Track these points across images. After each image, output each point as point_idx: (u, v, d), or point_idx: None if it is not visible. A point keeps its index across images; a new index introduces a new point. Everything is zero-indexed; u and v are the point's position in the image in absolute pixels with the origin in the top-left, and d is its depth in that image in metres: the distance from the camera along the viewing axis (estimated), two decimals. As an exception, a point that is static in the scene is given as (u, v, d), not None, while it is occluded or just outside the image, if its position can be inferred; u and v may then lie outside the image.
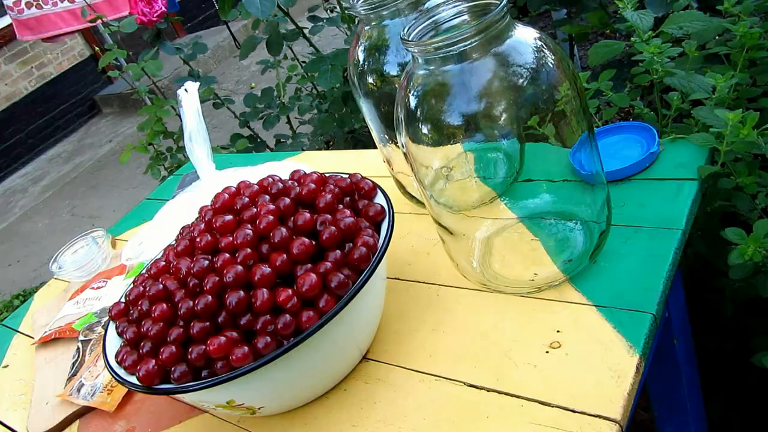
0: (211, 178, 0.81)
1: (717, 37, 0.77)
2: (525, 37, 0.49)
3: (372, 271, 0.50)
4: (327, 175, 0.62)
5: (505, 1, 0.47)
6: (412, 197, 0.74)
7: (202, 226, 0.56)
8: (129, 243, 0.85)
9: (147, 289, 0.54)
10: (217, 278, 0.51)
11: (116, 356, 0.54)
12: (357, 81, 0.66)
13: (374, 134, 0.70)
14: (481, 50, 0.47)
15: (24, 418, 0.70)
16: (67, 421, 0.68)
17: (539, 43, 0.49)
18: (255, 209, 0.56)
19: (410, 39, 0.50)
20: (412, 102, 0.52)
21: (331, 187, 0.58)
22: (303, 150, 1.83)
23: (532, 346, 0.52)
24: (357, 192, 0.60)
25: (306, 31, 1.57)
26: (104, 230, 0.95)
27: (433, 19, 0.51)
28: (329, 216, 0.54)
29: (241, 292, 0.50)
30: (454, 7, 0.51)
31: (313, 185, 0.57)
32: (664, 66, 0.68)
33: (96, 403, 0.67)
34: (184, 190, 0.92)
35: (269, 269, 0.50)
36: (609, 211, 0.56)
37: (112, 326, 0.59)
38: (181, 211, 0.83)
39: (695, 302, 0.77)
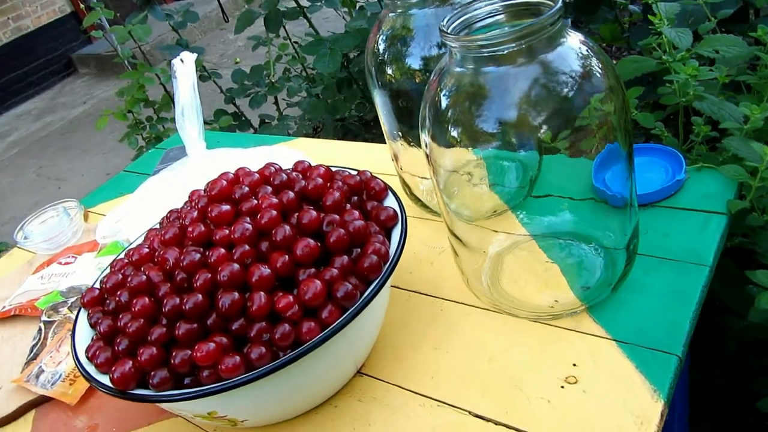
0: (200, 158, 0.75)
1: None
2: (575, 44, 0.44)
3: (382, 283, 0.46)
4: (333, 169, 0.57)
5: (560, 3, 0.42)
6: (417, 200, 0.69)
7: (195, 214, 0.51)
8: (105, 219, 0.79)
9: (129, 278, 0.48)
10: (209, 275, 0.46)
11: (87, 351, 0.48)
12: (375, 70, 0.61)
13: (385, 128, 0.66)
14: (528, 54, 0.43)
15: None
16: (22, 410, 0.62)
17: (589, 51, 0.45)
18: (255, 201, 0.51)
19: (450, 32, 0.45)
20: (443, 101, 0.47)
21: (339, 184, 0.53)
22: (289, 134, 1.77)
23: (546, 379, 0.48)
24: (366, 192, 0.55)
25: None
26: (77, 201, 0.88)
27: (475, 12, 0.47)
28: (337, 216, 0.49)
29: (236, 294, 0.45)
30: (502, 3, 0.46)
31: (320, 180, 0.52)
32: (695, 89, 0.64)
33: (56, 393, 0.61)
34: (168, 167, 0.86)
35: (269, 271, 0.45)
36: (637, 239, 0.52)
37: (83, 315, 0.53)
38: (164, 189, 0.77)
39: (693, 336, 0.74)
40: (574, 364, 0.48)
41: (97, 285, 0.56)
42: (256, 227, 0.48)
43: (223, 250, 0.46)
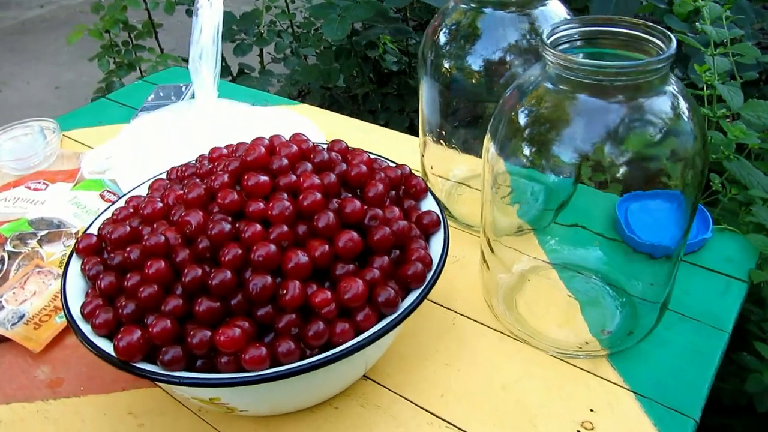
0: (211, 107, 0.70)
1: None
2: (675, 95, 0.42)
3: (425, 294, 0.43)
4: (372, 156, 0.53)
5: (675, 45, 0.40)
6: (435, 201, 0.66)
7: (226, 178, 0.46)
8: (94, 152, 0.72)
9: (145, 236, 0.43)
10: (240, 251, 0.42)
11: (83, 307, 0.43)
12: (430, 59, 0.58)
13: (423, 118, 0.62)
14: (630, 92, 0.41)
15: None
16: (-27, 347, 0.56)
17: (686, 105, 0.43)
18: (293, 177, 0.46)
19: (554, 45, 0.42)
20: (524, 117, 0.45)
21: (382, 175, 0.50)
22: (269, 90, 1.69)
23: (562, 420, 0.46)
24: (405, 188, 0.52)
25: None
26: (56, 122, 0.81)
27: (580, 29, 0.44)
28: (380, 212, 0.46)
29: (269, 278, 0.41)
30: (610, 27, 0.44)
31: (364, 168, 0.49)
32: (730, 150, 0.64)
33: (17, 336, 0.55)
34: (165, 107, 0.79)
35: (306, 259, 0.42)
36: (670, 294, 0.51)
37: (76, 262, 0.48)
38: (164, 133, 0.71)
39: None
40: (592, 410, 0.47)
41: (94, 231, 0.51)
42: (296, 208, 0.44)
43: (259, 227, 0.42)
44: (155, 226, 0.46)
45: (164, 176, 0.56)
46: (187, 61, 1.72)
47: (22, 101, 2.73)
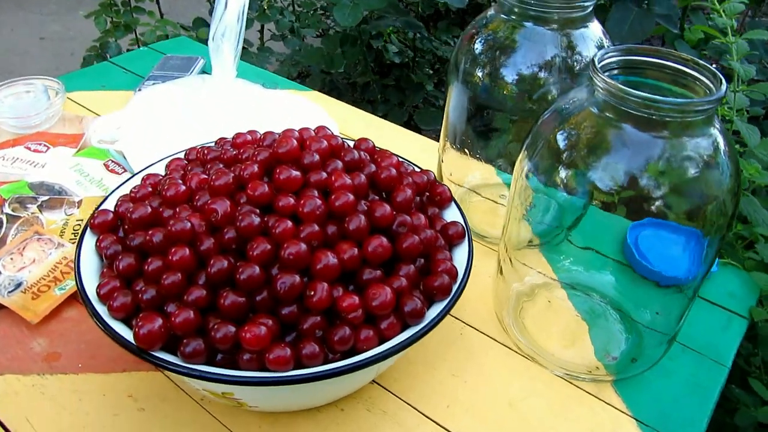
0: (228, 86, 0.68)
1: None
2: (717, 135, 0.42)
3: (450, 307, 0.43)
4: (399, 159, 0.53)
5: (725, 86, 0.40)
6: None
7: (256, 168, 0.45)
8: (104, 120, 0.69)
9: (170, 222, 0.42)
10: (269, 247, 0.41)
11: (99, 287, 0.42)
12: (464, 65, 0.57)
13: (447, 122, 0.62)
14: (677, 129, 0.41)
15: None
16: (-34, 311, 0.54)
17: (726, 147, 0.43)
18: (324, 174, 0.46)
19: (603, 70, 0.42)
20: (563, 139, 0.44)
21: (410, 180, 0.49)
22: (266, 68, 1.67)
23: (567, 442, 0.47)
24: (430, 196, 0.52)
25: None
26: (60, 82, 0.78)
27: (628, 57, 0.44)
28: (409, 218, 0.46)
29: (297, 278, 0.40)
30: (659, 59, 0.44)
31: (393, 171, 0.48)
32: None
33: (14, 304, 0.53)
34: (176, 81, 0.77)
35: (336, 261, 0.41)
36: (678, 329, 0.52)
37: (90, 238, 0.46)
38: (176, 108, 0.69)
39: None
40: (596, 434, 0.48)
41: (110, 207, 0.49)
42: (326, 207, 0.43)
43: (290, 224, 0.41)
44: (177, 210, 0.45)
45: (182, 156, 0.55)
46: (186, 29, 1.68)
47: (5, 49, 2.64)
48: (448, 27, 1.90)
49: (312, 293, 0.40)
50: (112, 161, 0.69)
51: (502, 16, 0.55)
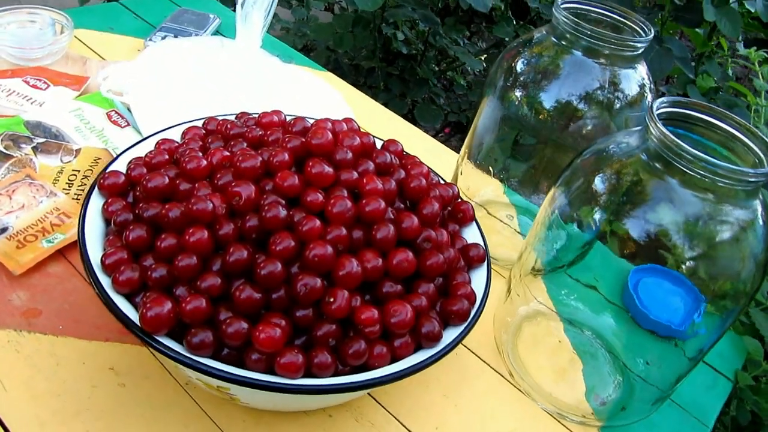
0: (251, 56, 0.65)
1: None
2: (762, 204, 0.42)
3: (466, 333, 0.41)
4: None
5: (781, 159, 0.40)
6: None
7: (286, 156, 0.43)
8: (115, 68, 0.65)
9: (191, 200, 0.39)
10: (293, 244, 0.39)
11: (105, 257, 0.39)
12: (503, 81, 0.56)
13: (473, 134, 0.60)
14: (725, 195, 0.40)
15: None
16: (-57, 249, 0.50)
17: (763, 219, 0.43)
18: (355, 174, 0.44)
19: (660, 118, 0.41)
20: (604, 181, 0.44)
21: (437, 193, 0.48)
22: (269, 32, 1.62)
23: (551, 483, 0.46)
24: (452, 212, 0.50)
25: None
26: (69, 18, 0.73)
27: (684, 111, 0.43)
28: (434, 234, 0.44)
29: (318, 281, 0.38)
30: (713, 118, 0.43)
31: (423, 182, 0.46)
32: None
33: (-3, 250, 0.50)
34: (190, 38, 0.74)
35: (359, 269, 0.39)
36: (672, 389, 0.52)
37: (98, 199, 0.44)
38: (187, 66, 0.66)
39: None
40: (579, 478, 0.47)
41: (122, 168, 0.46)
42: (357, 211, 0.41)
43: (318, 223, 0.39)
44: (196, 185, 0.42)
45: (199, 124, 0.52)
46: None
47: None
48: (455, 24, 1.88)
49: (331, 300, 0.38)
50: (116, 112, 0.65)
51: (553, 39, 0.54)
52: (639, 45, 0.52)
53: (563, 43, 0.53)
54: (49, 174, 0.57)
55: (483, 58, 1.58)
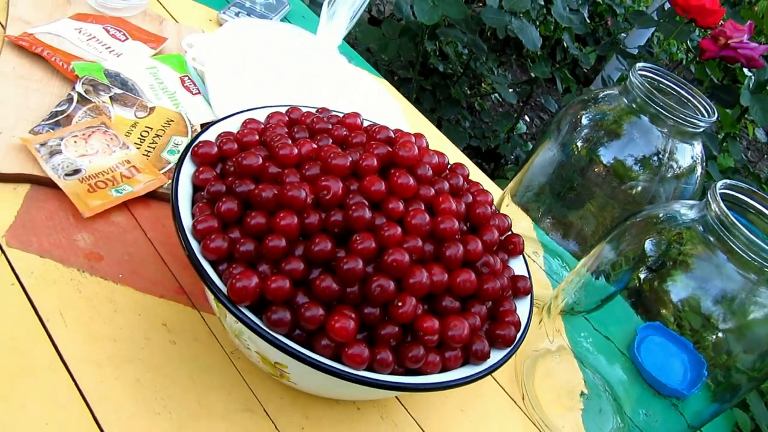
0: (330, 56, 0.68)
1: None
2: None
3: (508, 357, 0.45)
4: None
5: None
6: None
7: (374, 162, 0.45)
8: (200, 37, 0.68)
9: (286, 186, 0.42)
10: (374, 245, 0.41)
11: (196, 222, 0.41)
12: (567, 129, 0.59)
13: (524, 174, 0.64)
14: (764, 277, 0.44)
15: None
16: (17, 178, 0.52)
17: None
18: (432, 191, 0.47)
19: (722, 200, 0.44)
20: (654, 246, 0.47)
21: (497, 222, 0.51)
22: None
23: None
24: (503, 242, 0.53)
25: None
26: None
27: (739, 196, 0.47)
28: (491, 260, 0.47)
29: (392, 284, 0.41)
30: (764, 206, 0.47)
31: (489, 209, 0.49)
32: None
33: (69, 190, 0.52)
34: (265, 20, 0.76)
35: (428, 281, 0.42)
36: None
37: (190, 166, 0.46)
38: (261, 48, 0.68)
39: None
40: None
41: (212, 138, 0.48)
42: (432, 226, 0.44)
43: (399, 230, 0.42)
44: (285, 171, 0.45)
45: (283, 111, 0.54)
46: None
47: None
48: (488, 52, 1.93)
49: (400, 304, 0.41)
50: (189, 78, 0.67)
51: (624, 100, 0.57)
52: (701, 124, 0.55)
53: (633, 106, 0.57)
54: (122, 126, 0.59)
55: (511, 91, 1.62)
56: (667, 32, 1.24)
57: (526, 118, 2.30)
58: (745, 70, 1.28)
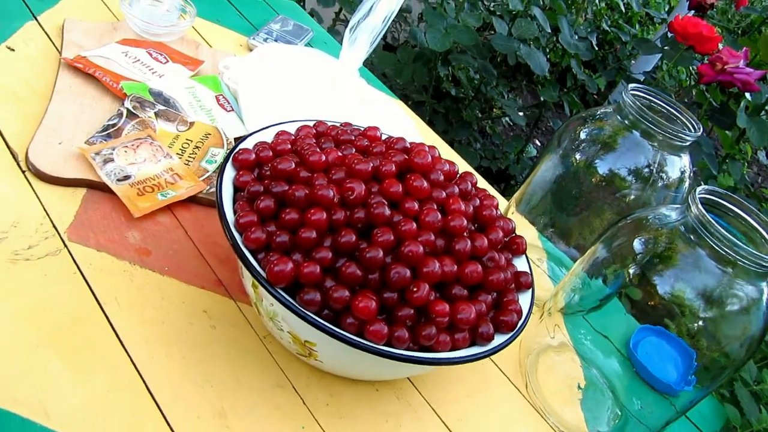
0: (351, 81, 0.75)
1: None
2: (766, 287, 0.51)
3: (511, 341, 0.50)
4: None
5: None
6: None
7: (393, 168, 0.52)
8: (234, 60, 0.75)
9: (316, 186, 0.48)
10: (392, 238, 0.47)
11: (238, 216, 0.48)
12: (567, 142, 0.65)
13: (527, 186, 0.70)
14: (740, 272, 0.49)
15: (11, 117, 0.61)
16: (76, 183, 0.59)
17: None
18: (444, 194, 0.53)
19: (701, 204, 0.50)
20: (642, 244, 0.53)
21: (501, 224, 0.57)
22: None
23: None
24: (508, 243, 0.59)
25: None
26: (194, 7, 0.83)
27: (721, 201, 0.52)
28: (496, 255, 0.53)
29: (408, 272, 0.47)
30: (744, 212, 0.52)
31: (494, 212, 0.55)
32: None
33: (120, 192, 0.58)
34: (291, 46, 0.83)
35: (440, 270, 0.48)
36: (663, 429, 0.60)
37: (231, 171, 0.52)
38: (289, 71, 0.75)
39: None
40: (572, 487, 0.55)
41: (249, 146, 0.55)
42: (444, 223, 0.50)
43: (414, 226, 0.48)
44: (315, 175, 0.51)
45: (311, 124, 0.61)
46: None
47: None
48: (499, 77, 2.00)
49: (416, 289, 0.47)
50: (223, 96, 0.74)
51: (618, 117, 0.63)
52: (688, 138, 0.61)
53: (626, 122, 0.63)
54: (166, 138, 0.66)
55: (521, 114, 1.69)
56: (669, 58, 1.30)
57: (537, 142, 2.37)
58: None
